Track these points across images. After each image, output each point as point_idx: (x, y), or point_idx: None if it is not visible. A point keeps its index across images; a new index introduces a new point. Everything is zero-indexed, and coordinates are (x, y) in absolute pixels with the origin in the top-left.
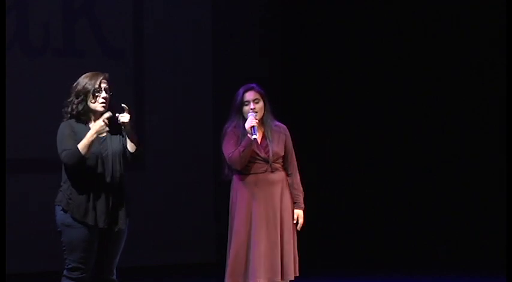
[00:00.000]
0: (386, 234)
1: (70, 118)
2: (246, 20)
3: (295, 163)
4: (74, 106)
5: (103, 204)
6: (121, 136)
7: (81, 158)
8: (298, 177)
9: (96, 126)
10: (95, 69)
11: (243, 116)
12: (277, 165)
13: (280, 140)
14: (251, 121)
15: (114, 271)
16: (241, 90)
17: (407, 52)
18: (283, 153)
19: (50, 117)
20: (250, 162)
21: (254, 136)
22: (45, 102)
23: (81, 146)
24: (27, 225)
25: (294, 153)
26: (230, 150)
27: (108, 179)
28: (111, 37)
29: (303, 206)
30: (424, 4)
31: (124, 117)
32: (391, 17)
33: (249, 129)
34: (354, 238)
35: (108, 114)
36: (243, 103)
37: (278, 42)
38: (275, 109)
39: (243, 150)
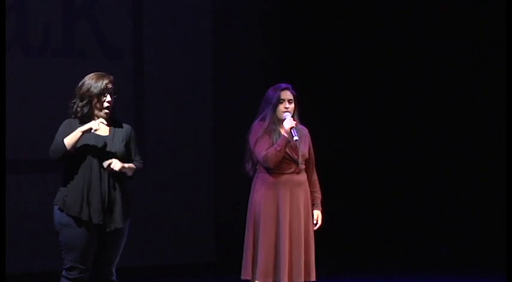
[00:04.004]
0: (387, 234)
1: (74, 118)
2: (246, 20)
3: (314, 163)
4: (79, 109)
5: (98, 201)
6: (124, 137)
7: (64, 151)
8: (317, 178)
9: (86, 126)
10: (95, 69)
11: (277, 114)
12: (303, 166)
13: (306, 142)
14: (290, 122)
15: (114, 272)
16: (278, 88)
17: (408, 52)
18: (308, 156)
19: (50, 117)
20: (280, 161)
21: (296, 137)
22: (45, 102)
23: (67, 140)
24: (27, 225)
25: (313, 154)
26: (263, 148)
27: (105, 178)
28: (111, 37)
29: (320, 207)
30: (424, 4)
31: (115, 165)
32: (391, 17)
33: (289, 130)
34: (354, 238)
35: (100, 121)
36: (279, 101)
37: (278, 42)
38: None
39: (280, 149)
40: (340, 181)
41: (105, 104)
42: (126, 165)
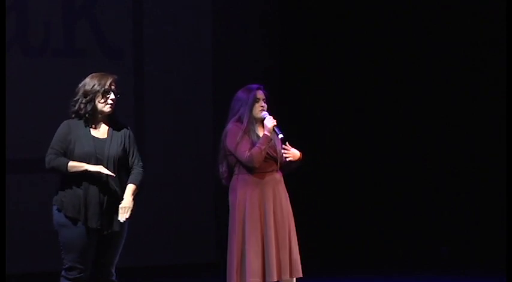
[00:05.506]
0: (387, 234)
1: (75, 117)
2: (246, 20)
3: None
4: (82, 105)
5: (96, 205)
6: (122, 140)
7: (62, 172)
8: None
9: (94, 168)
10: (95, 69)
11: (253, 113)
12: (279, 165)
13: (279, 141)
14: (272, 120)
15: (114, 272)
16: (251, 88)
17: (408, 52)
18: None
19: (50, 117)
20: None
21: (281, 135)
22: (45, 102)
23: (71, 165)
24: (27, 225)
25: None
26: (246, 148)
27: (102, 181)
28: (111, 37)
29: None
30: (424, 4)
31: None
32: (391, 17)
33: (272, 128)
34: (354, 238)
35: (108, 172)
36: (256, 100)
37: (278, 42)
38: (276, 110)
39: (264, 148)
40: (340, 181)
41: (109, 101)
42: (131, 197)
